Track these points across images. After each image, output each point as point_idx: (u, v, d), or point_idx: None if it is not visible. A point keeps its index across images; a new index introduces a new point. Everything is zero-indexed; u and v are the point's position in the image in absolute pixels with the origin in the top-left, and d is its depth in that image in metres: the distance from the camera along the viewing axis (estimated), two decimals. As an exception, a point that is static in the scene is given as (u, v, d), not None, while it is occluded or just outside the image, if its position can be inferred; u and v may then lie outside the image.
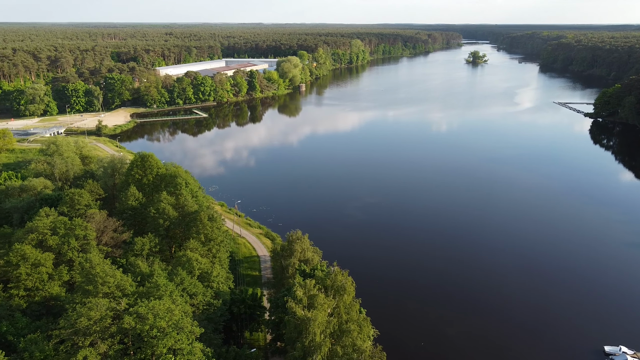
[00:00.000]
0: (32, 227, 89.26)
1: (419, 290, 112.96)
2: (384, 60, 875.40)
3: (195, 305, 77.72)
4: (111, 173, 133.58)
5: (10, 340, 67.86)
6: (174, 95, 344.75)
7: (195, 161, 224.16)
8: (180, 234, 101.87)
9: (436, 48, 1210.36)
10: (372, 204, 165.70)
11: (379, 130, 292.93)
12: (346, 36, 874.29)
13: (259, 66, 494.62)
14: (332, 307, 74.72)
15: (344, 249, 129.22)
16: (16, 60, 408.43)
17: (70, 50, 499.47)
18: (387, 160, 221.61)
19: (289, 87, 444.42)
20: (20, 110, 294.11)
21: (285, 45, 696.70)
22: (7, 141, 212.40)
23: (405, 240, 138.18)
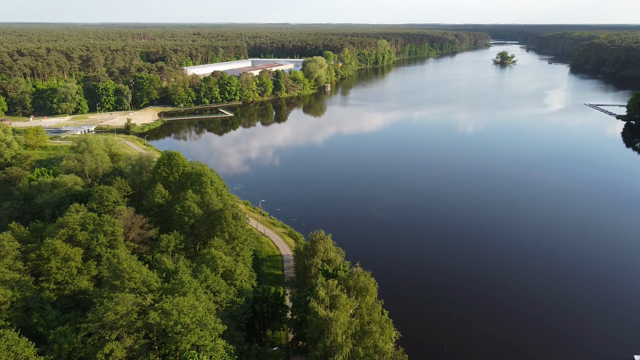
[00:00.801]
0: (63, 223, 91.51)
1: (442, 293, 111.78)
2: (410, 60, 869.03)
3: (219, 302, 78.57)
4: (139, 171, 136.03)
5: (40, 331, 69.81)
6: (200, 94, 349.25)
7: (220, 160, 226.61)
8: (205, 232, 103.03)
9: (463, 48, 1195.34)
10: (395, 205, 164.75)
11: (404, 131, 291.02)
12: (372, 36, 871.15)
13: (285, 66, 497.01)
14: (354, 308, 74.58)
15: (367, 250, 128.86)
16: (50, 59, 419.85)
17: (101, 50, 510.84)
18: (412, 162, 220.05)
19: (314, 87, 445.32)
20: (53, 108, 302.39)
21: (311, 45, 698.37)
22: (40, 138, 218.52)
23: (429, 242, 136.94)
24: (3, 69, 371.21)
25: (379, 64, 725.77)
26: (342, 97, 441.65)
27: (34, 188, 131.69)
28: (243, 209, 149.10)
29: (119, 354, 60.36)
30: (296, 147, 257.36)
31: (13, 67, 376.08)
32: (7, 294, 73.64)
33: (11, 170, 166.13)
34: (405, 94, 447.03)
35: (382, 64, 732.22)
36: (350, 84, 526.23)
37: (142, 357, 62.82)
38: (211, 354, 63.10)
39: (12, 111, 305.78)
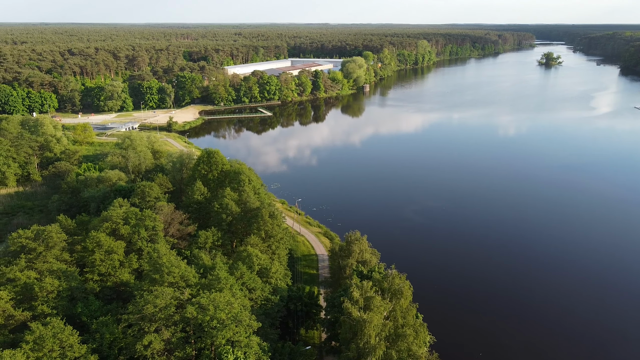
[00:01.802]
0: (107, 216, 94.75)
1: (478, 299, 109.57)
2: (450, 61, 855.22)
3: (254, 299, 79.62)
4: (179, 168, 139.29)
5: (84, 320, 72.54)
6: (240, 93, 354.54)
7: (258, 158, 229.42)
8: (242, 230, 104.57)
9: (506, 49, 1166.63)
10: (433, 208, 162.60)
11: (442, 133, 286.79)
12: (412, 37, 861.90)
13: (324, 66, 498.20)
14: (388, 311, 74.15)
15: (402, 253, 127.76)
16: (98, 58, 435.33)
17: (146, 49, 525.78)
18: (450, 164, 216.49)
19: (353, 87, 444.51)
20: (100, 105, 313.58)
21: (350, 45, 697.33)
22: (87, 134, 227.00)
23: (467, 247, 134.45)
24: (55, 67, 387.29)
25: (419, 65, 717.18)
26: (380, 97, 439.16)
27: (81, 182, 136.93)
28: (280, 207, 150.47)
29: (157, 346, 62.08)
30: (334, 147, 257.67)
31: (64, 66, 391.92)
32: (54, 284, 76.93)
33: (60, 165, 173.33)
34: (445, 95, 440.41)
35: (421, 64, 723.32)
36: (389, 84, 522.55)
37: (178, 350, 64.41)
38: (245, 350, 64.05)
39: (62, 108, 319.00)
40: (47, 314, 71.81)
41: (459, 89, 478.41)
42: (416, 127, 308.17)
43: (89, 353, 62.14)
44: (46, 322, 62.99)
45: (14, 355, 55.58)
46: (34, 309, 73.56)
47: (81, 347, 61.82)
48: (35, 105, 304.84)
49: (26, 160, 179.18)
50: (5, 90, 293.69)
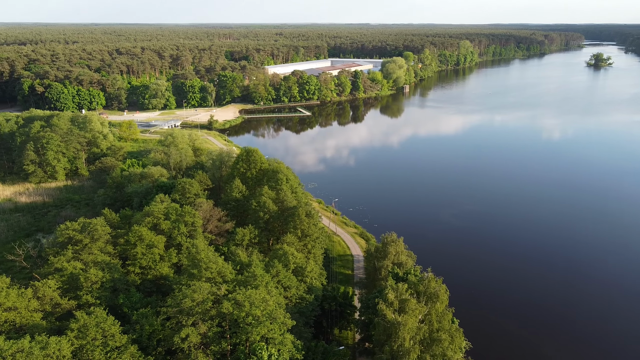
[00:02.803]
0: (149, 211, 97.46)
1: (517, 307, 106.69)
2: (493, 62, 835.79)
3: (289, 297, 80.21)
4: (219, 165, 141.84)
5: (125, 312, 74.92)
6: (280, 93, 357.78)
7: (296, 158, 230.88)
8: (279, 228, 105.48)
9: (553, 50, 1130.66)
10: (472, 212, 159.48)
11: (483, 135, 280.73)
12: (454, 37, 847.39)
13: (364, 66, 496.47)
14: (424, 314, 73.22)
15: (439, 256, 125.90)
16: (144, 58, 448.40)
17: (189, 49, 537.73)
18: (491, 168, 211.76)
19: (393, 88, 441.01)
20: (144, 103, 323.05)
21: (390, 45, 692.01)
22: (132, 131, 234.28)
23: (506, 253, 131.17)
24: (103, 66, 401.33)
25: (460, 66, 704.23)
26: (420, 98, 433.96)
27: (125, 178, 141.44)
28: (316, 207, 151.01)
29: (194, 339, 63.44)
30: (372, 147, 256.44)
31: (112, 65, 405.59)
32: (98, 275, 79.79)
33: (106, 161, 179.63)
34: (486, 96, 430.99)
35: (463, 65, 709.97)
36: (430, 85, 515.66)
37: (214, 344, 65.61)
38: (279, 347, 64.62)
39: (109, 105, 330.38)
40: (91, 304, 74.54)
41: (502, 91, 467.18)
42: (456, 129, 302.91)
43: (129, 343, 64.11)
44: (90, 312, 65.42)
45: (59, 342, 57.95)
46: (79, 299, 76.53)
47: (122, 337, 63.84)
48: (84, 102, 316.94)
49: (75, 156, 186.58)
50: (57, 87, 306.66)
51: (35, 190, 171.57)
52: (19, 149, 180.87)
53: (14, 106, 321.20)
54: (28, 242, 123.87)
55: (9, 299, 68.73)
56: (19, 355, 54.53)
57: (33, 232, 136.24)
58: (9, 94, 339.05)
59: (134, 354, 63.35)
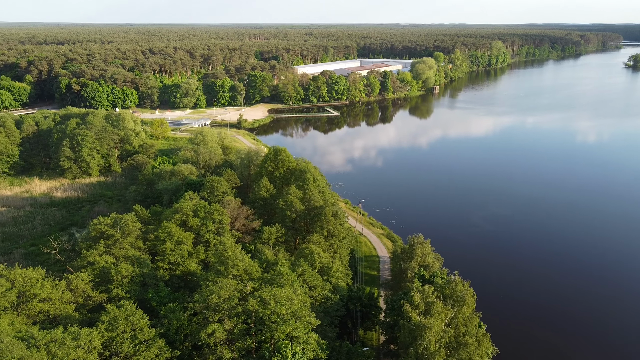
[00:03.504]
0: (178, 208, 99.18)
1: (546, 313, 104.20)
2: (526, 62, 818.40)
3: (314, 297, 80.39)
4: (247, 164, 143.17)
5: (153, 306, 76.44)
6: (309, 93, 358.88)
7: (324, 157, 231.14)
8: (305, 227, 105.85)
9: (589, 50, 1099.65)
10: (501, 215, 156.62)
11: (514, 138, 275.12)
12: (486, 37, 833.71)
13: (393, 67, 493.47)
14: (450, 317, 72.33)
15: (466, 259, 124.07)
16: (176, 57, 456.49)
17: (220, 49, 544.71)
18: (522, 171, 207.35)
19: (422, 88, 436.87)
20: (175, 102, 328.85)
21: (421, 46, 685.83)
22: (163, 129, 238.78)
23: (535, 258, 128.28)
24: (137, 65, 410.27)
25: (492, 66, 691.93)
26: (450, 99, 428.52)
27: (156, 175, 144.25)
28: (343, 207, 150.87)
29: (220, 335, 64.25)
30: (400, 148, 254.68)
31: (145, 64, 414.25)
32: (129, 269, 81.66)
33: (138, 158, 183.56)
34: (519, 97, 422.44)
35: (495, 66, 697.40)
36: (460, 86, 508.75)
37: (240, 340, 66.30)
38: (304, 345, 64.85)
39: (142, 104, 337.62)
40: (121, 297, 76.34)
41: (535, 92, 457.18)
42: (487, 130, 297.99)
43: (156, 337, 65.37)
44: (120, 305, 67.01)
45: (90, 333, 59.58)
46: (110, 292, 78.48)
47: (150, 330, 65.14)
48: (118, 100, 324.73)
49: (108, 152, 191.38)
50: (92, 86, 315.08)
51: (70, 185, 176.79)
52: (55, 146, 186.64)
53: (52, 104, 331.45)
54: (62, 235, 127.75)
55: (44, 290, 70.99)
56: (52, 345, 56.25)
57: (67, 226, 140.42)
58: (47, 92, 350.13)
59: (162, 348, 64.56)
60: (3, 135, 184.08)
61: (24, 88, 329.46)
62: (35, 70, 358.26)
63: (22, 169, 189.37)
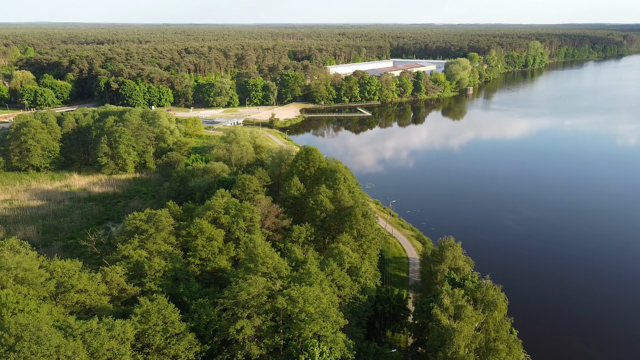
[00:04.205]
0: (210, 205, 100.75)
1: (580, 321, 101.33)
2: (565, 63, 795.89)
3: (342, 297, 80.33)
4: (278, 163, 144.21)
5: (184, 300, 77.93)
6: (341, 93, 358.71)
7: (355, 158, 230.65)
8: (335, 227, 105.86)
9: (632, 51, 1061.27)
10: (535, 219, 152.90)
11: (551, 141, 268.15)
12: (523, 37, 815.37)
13: (426, 67, 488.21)
14: (480, 322, 71.15)
15: (498, 263, 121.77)
16: (210, 57, 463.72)
17: (254, 48, 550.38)
18: (559, 175, 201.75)
19: (455, 89, 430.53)
20: (209, 101, 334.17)
21: (455, 46, 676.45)
22: (197, 128, 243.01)
23: (570, 264, 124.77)
24: (172, 65, 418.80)
25: (529, 67, 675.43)
26: (484, 100, 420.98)
27: (189, 172, 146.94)
28: (373, 207, 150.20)
29: (249, 332, 64.99)
30: (432, 150, 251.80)
31: (180, 64, 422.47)
32: (161, 264, 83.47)
33: (172, 155, 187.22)
34: (556, 99, 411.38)
35: (532, 67, 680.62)
36: (495, 87, 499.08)
37: (268, 337, 66.90)
38: (331, 345, 64.90)
39: (177, 102, 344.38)
40: (154, 291, 78.04)
41: (573, 94, 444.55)
42: (522, 133, 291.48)
43: (187, 331, 66.60)
44: (152, 298, 68.54)
45: (124, 325, 61.21)
46: (143, 285, 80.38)
47: (181, 324, 66.41)
48: (154, 99, 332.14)
49: (144, 149, 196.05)
50: (130, 85, 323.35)
51: (107, 181, 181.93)
52: (94, 142, 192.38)
53: (91, 101, 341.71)
54: (99, 229, 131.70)
55: (81, 281, 73.31)
56: (87, 334, 58.03)
57: (104, 221, 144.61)
58: (87, 90, 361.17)
59: (192, 342, 65.74)
60: (45, 132, 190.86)
61: (66, 86, 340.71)
62: (76, 69, 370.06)
63: (62, 164, 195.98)
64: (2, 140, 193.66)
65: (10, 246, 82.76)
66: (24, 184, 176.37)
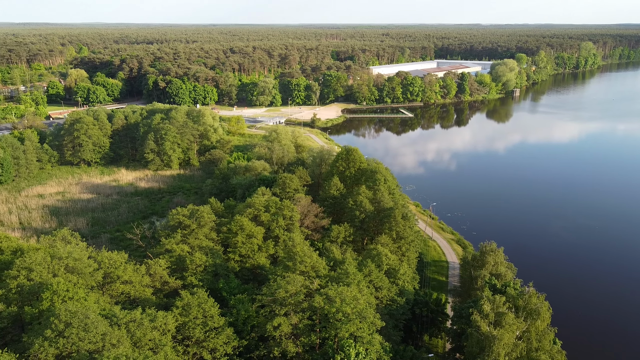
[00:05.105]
0: (250, 203, 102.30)
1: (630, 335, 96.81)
2: (620, 65, 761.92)
3: (379, 298, 79.92)
4: (319, 162, 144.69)
5: (224, 296, 79.46)
6: (383, 93, 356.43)
7: (396, 159, 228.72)
8: (374, 228, 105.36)
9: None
10: (585, 227, 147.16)
11: (602, 146, 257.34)
12: (575, 38, 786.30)
13: (471, 68, 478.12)
14: (522, 330, 69.17)
15: (543, 271, 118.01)
16: (254, 57, 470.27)
17: (297, 48, 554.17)
18: (611, 181, 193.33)
19: (501, 91, 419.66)
20: (252, 100, 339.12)
21: (502, 47, 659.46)
22: (240, 126, 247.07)
23: (622, 275, 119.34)
24: (218, 64, 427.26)
25: (580, 69, 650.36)
26: (531, 103, 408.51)
27: (231, 170, 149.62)
28: (413, 209, 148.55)
29: (285, 329, 65.63)
30: (475, 153, 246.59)
31: (225, 63, 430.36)
32: (202, 259, 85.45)
33: (215, 153, 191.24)
34: (609, 103, 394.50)
35: (583, 68, 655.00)
36: (543, 89, 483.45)
37: (304, 335, 67.34)
38: (367, 346, 64.66)
39: (221, 101, 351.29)
40: (194, 285, 79.94)
41: (628, 96, 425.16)
42: (571, 137, 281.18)
43: (225, 325, 67.88)
44: (193, 292, 70.25)
45: (165, 317, 63.07)
46: (184, 279, 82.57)
47: (220, 319, 67.75)
48: (199, 97, 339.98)
49: (188, 147, 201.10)
50: (176, 83, 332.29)
51: (152, 176, 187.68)
52: (141, 139, 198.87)
53: (140, 99, 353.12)
54: (144, 223, 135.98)
55: (126, 273, 76.02)
56: (131, 324, 60.12)
57: (149, 215, 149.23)
58: (137, 88, 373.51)
59: (230, 336, 66.97)
60: (96, 128, 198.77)
61: (116, 84, 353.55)
62: (126, 67, 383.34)
63: (111, 160, 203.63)
64: (57, 136, 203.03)
65: (62, 236, 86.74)
66: (76, 177, 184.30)
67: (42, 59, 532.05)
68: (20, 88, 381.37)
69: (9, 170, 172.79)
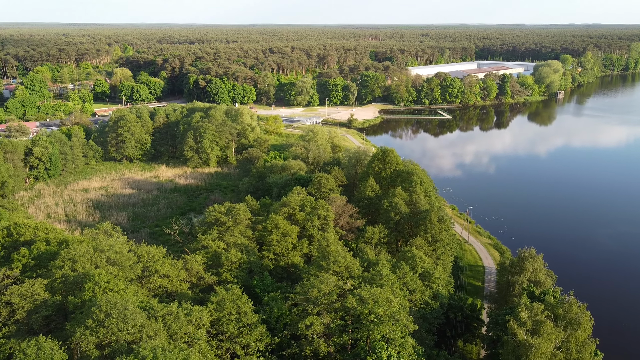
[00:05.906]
0: (286, 202, 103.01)
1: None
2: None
3: (413, 301, 79.07)
4: (354, 163, 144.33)
5: (257, 293, 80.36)
6: (421, 94, 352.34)
7: (433, 161, 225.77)
8: (409, 230, 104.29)
9: None
10: (631, 234, 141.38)
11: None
12: (624, 38, 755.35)
13: (513, 70, 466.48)
14: (561, 340, 67.03)
15: (584, 279, 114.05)
16: (293, 57, 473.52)
17: (335, 49, 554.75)
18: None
19: (544, 93, 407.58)
20: (290, 100, 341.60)
21: (546, 48, 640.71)
22: (277, 125, 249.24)
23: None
24: (256, 64, 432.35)
25: (630, 71, 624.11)
26: (576, 105, 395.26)
27: (267, 169, 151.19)
28: (449, 212, 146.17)
29: (318, 328, 65.82)
30: (515, 156, 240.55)
31: (264, 63, 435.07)
32: (237, 256, 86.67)
33: (252, 151, 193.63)
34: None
35: (633, 70, 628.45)
36: (589, 91, 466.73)
37: (336, 336, 67.35)
38: (399, 349, 64.10)
39: (259, 100, 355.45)
40: (229, 281, 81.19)
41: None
42: (618, 141, 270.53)
43: (259, 322, 68.64)
44: (228, 288, 71.33)
45: (201, 311, 64.33)
46: (219, 275, 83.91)
47: (253, 316, 68.57)
48: (237, 96, 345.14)
49: (226, 145, 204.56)
50: (216, 82, 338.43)
51: (191, 174, 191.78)
52: (181, 137, 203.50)
53: (181, 98, 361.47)
54: (182, 219, 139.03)
55: (164, 267, 77.98)
56: (168, 317, 61.62)
57: (187, 211, 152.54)
58: (178, 87, 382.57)
59: (262, 333, 67.68)
60: (139, 125, 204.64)
61: (159, 83, 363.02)
62: (169, 67, 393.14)
63: (152, 156, 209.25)
64: (101, 132, 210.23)
65: (105, 230, 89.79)
66: (119, 173, 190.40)
67: (89, 58, 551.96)
68: (69, 86, 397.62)
69: (57, 165, 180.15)
